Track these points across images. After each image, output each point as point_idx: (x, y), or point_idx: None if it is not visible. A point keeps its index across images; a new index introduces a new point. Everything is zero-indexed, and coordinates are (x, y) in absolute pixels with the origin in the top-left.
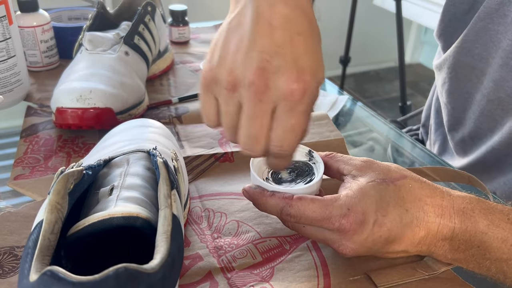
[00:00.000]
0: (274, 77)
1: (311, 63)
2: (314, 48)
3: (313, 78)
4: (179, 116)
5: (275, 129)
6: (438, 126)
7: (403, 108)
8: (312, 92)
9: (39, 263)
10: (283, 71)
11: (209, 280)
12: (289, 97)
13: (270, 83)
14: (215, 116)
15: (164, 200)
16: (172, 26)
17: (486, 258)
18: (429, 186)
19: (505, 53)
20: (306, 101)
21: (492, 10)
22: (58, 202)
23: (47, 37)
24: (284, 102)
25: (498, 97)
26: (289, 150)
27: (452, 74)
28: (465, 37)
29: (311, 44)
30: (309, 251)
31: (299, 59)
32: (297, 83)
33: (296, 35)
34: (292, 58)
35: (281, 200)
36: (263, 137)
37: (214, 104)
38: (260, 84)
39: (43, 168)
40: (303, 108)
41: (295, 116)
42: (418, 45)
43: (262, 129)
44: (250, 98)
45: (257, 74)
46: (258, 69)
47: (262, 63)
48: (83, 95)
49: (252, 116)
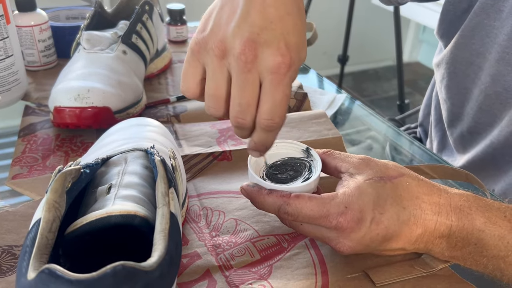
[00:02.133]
0: (262, 49)
1: (297, 41)
2: (300, 28)
3: (298, 55)
4: (177, 115)
5: (265, 102)
6: (437, 122)
7: (401, 106)
8: (295, 69)
9: (37, 261)
10: (271, 45)
11: (207, 278)
12: (276, 70)
13: (259, 54)
14: (195, 85)
15: (162, 198)
16: (170, 25)
17: (483, 255)
18: (426, 184)
19: (501, 48)
20: (290, 75)
21: (487, 6)
22: (56, 200)
23: (45, 36)
24: (271, 75)
25: (496, 91)
26: (280, 122)
27: (451, 69)
28: (462, 32)
29: (298, 24)
30: (307, 249)
31: (287, 35)
32: (283, 57)
33: (286, 14)
34: (281, 34)
35: (278, 198)
36: (254, 105)
37: (198, 73)
38: (249, 54)
39: (41, 167)
40: (287, 82)
41: (283, 89)
42: (416, 43)
43: (253, 98)
44: (239, 67)
45: (247, 45)
46: (248, 40)
47: (252, 35)
48: (81, 94)
49: (242, 85)
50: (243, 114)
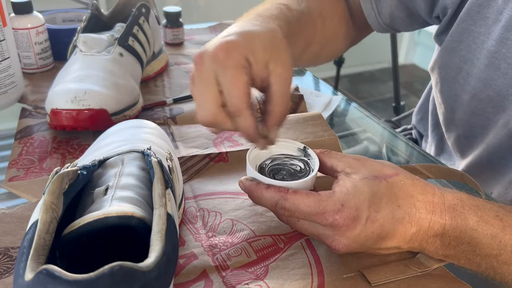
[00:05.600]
0: (205, 52)
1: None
2: (245, 28)
3: (238, 39)
4: (174, 117)
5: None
6: (434, 127)
7: (397, 108)
8: (239, 50)
9: (35, 262)
10: (213, 45)
11: (204, 279)
12: (215, 58)
13: (204, 56)
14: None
15: (158, 199)
16: (167, 28)
17: (476, 254)
18: (420, 183)
19: (490, 53)
20: (233, 57)
21: (473, 12)
22: (53, 202)
23: (42, 39)
24: (215, 66)
25: (488, 95)
26: (237, 104)
27: (442, 74)
28: (450, 38)
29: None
30: (303, 249)
31: (226, 35)
32: (220, 46)
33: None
34: (223, 36)
35: (276, 193)
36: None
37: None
38: (196, 60)
39: (38, 169)
40: (231, 64)
41: (227, 74)
42: (412, 46)
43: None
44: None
45: (196, 56)
46: (197, 54)
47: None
48: (78, 96)
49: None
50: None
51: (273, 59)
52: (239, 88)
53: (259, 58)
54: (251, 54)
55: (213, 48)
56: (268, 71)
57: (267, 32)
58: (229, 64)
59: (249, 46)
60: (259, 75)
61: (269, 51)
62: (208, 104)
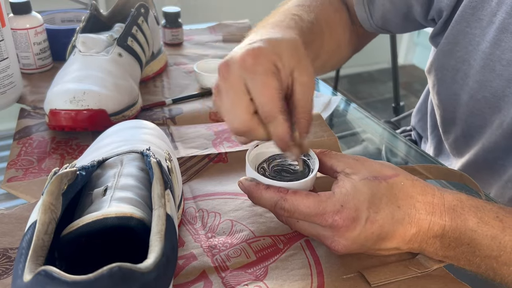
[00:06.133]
0: (232, 59)
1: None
2: (269, 35)
3: (265, 46)
4: (173, 117)
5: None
6: (433, 128)
7: (396, 109)
8: (267, 56)
9: (33, 263)
10: (239, 52)
11: (203, 280)
12: (243, 65)
13: (230, 64)
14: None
15: (158, 200)
16: (166, 28)
17: (476, 255)
18: (420, 184)
19: (485, 55)
20: (262, 64)
21: (467, 14)
22: (52, 202)
23: (40, 39)
24: (244, 73)
25: (484, 96)
26: (270, 109)
27: (439, 76)
28: (445, 39)
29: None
30: (303, 250)
31: (252, 43)
32: (247, 53)
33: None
34: (247, 43)
35: (275, 194)
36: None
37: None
38: (222, 69)
39: (37, 170)
40: (261, 70)
41: (258, 80)
42: (411, 46)
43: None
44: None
45: (222, 64)
46: (222, 63)
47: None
48: (77, 96)
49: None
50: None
51: (298, 67)
52: (271, 94)
53: (285, 64)
54: (279, 60)
55: (240, 55)
56: (293, 78)
57: (290, 40)
58: (259, 70)
59: (277, 52)
60: (285, 82)
61: (294, 58)
62: (240, 112)
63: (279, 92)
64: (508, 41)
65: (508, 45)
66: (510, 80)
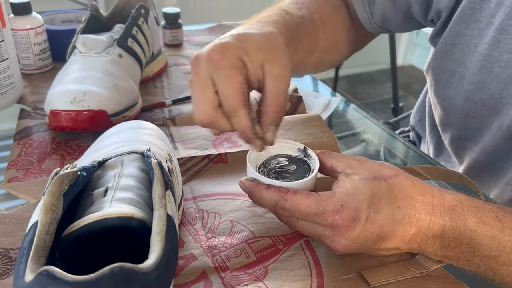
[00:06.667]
0: (201, 54)
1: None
2: (241, 31)
3: (232, 41)
4: (173, 118)
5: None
6: (432, 128)
7: (395, 109)
8: (232, 51)
9: (35, 263)
10: (208, 47)
11: (203, 280)
12: (209, 59)
13: (200, 58)
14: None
15: (158, 200)
16: (166, 29)
17: (475, 255)
18: (420, 184)
19: (482, 57)
20: (227, 58)
21: (465, 15)
22: (53, 203)
23: (40, 40)
24: (210, 67)
25: (481, 98)
26: (232, 103)
27: (436, 77)
28: (443, 41)
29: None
30: (303, 250)
31: (221, 38)
32: (213, 48)
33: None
34: (217, 39)
35: (276, 194)
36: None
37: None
38: (192, 62)
39: (37, 170)
40: (225, 65)
41: (222, 74)
42: (410, 47)
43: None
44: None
45: (193, 58)
46: (193, 57)
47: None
48: (77, 97)
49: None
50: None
51: (269, 60)
52: (233, 88)
53: (253, 59)
54: (245, 54)
55: (207, 50)
56: (263, 71)
57: (264, 34)
58: (223, 65)
59: (243, 47)
60: (254, 75)
61: (265, 52)
62: (204, 105)
63: (242, 87)
64: (507, 42)
65: (507, 46)
66: (508, 82)
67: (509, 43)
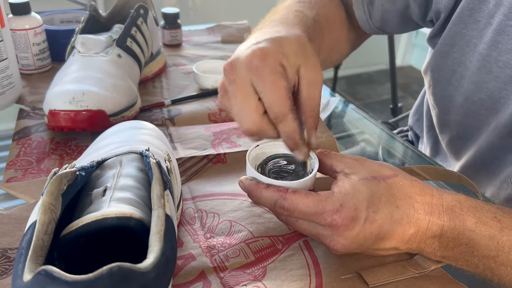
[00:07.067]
0: (238, 60)
1: (266, 42)
2: (273, 34)
3: (271, 45)
4: (172, 118)
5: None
6: (429, 128)
7: (394, 110)
8: (273, 56)
9: (33, 263)
10: (245, 53)
11: (202, 280)
12: (250, 66)
13: (236, 65)
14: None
15: (157, 200)
16: (165, 29)
17: (474, 255)
18: (419, 185)
19: (481, 57)
20: (269, 64)
21: (464, 16)
22: (52, 203)
23: (39, 40)
24: (251, 74)
25: (480, 98)
26: (280, 110)
27: (435, 77)
28: (443, 41)
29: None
30: (301, 250)
31: (257, 43)
32: (253, 54)
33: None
34: (252, 43)
35: (275, 193)
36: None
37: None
38: (227, 70)
39: (36, 170)
40: (268, 71)
41: (266, 81)
42: (409, 47)
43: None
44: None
45: (227, 65)
46: (228, 63)
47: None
48: (76, 97)
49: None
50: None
51: (304, 64)
52: (279, 94)
53: (291, 63)
54: (285, 58)
55: (246, 56)
56: (299, 76)
57: (295, 38)
58: (266, 71)
59: (282, 51)
60: (292, 80)
61: (300, 56)
62: (250, 114)
63: (288, 92)
64: (505, 42)
65: (505, 46)
66: (506, 82)
67: (508, 44)
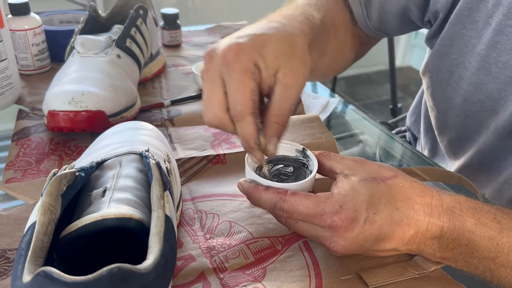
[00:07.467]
0: (215, 50)
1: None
2: (260, 30)
3: (249, 42)
4: (171, 119)
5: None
6: (427, 130)
7: (394, 110)
8: (248, 54)
9: (32, 264)
10: (224, 45)
11: (202, 281)
12: (223, 59)
13: (213, 54)
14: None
15: (157, 201)
16: (164, 30)
17: (473, 256)
18: (419, 186)
19: (480, 57)
20: (241, 61)
21: (462, 16)
22: (51, 203)
23: (39, 40)
24: (222, 67)
25: (479, 99)
26: (240, 110)
27: (433, 78)
28: (441, 41)
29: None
30: (301, 251)
31: (239, 36)
32: (229, 48)
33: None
34: (236, 36)
35: (275, 195)
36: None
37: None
38: (206, 57)
39: (35, 171)
40: (238, 68)
41: (234, 78)
42: (408, 48)
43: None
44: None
45: (207, 53)
46: (207, 51)
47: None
48: (75, 98)
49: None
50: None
51: (283, 67)
52: (243, 94)
53: (268, 64)
54: (261, 59)
55: (222, 48)
56: (275, 78)
57: (284, 38)
58: (237, 68)
59: (260, 51)
60: (267, 82)
61: (281, 58)
62: (213, 107)
63: (253, 94)
64: (504, 43)
65: (504, 47)
66: (506, 82)
67: (507, 44)
